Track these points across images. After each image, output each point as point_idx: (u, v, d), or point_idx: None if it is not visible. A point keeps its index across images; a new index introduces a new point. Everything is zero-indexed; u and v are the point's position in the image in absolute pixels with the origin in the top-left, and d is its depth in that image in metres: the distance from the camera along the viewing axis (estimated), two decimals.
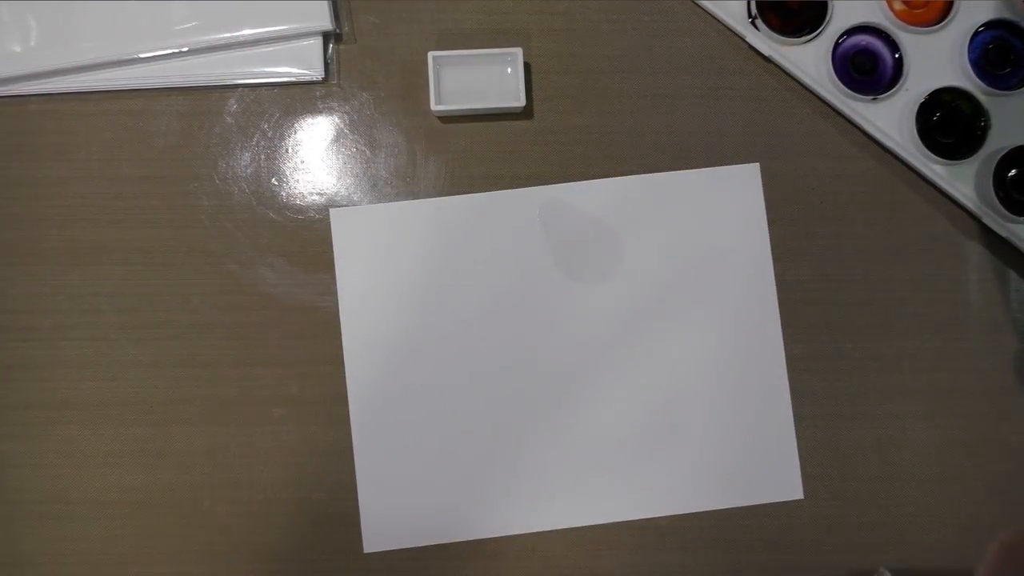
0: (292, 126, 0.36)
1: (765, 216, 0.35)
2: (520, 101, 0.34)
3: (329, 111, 0.36)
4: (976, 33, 0.35)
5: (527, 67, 0.36)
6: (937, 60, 0.35)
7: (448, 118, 0.36)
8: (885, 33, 0.35)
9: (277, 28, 0.35)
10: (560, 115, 0.36)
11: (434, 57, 0.34)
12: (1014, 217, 0.35)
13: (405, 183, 0.36)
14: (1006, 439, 0.35)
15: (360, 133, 0.36)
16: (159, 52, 0.35)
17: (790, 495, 0.35)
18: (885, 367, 0.35)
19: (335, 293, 0.35)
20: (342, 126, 0.36)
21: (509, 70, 0.35)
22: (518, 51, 0.34)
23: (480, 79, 0.35)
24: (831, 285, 0.35)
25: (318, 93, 0.36)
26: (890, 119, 0.35)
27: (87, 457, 0.34)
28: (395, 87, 0.36)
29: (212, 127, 0.36)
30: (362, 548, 0.34)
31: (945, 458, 0.35)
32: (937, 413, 0.35)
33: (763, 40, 0.36)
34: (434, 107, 0.34)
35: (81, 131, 0.36)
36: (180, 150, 0.36)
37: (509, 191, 0.36)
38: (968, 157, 0.35)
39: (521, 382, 0.35)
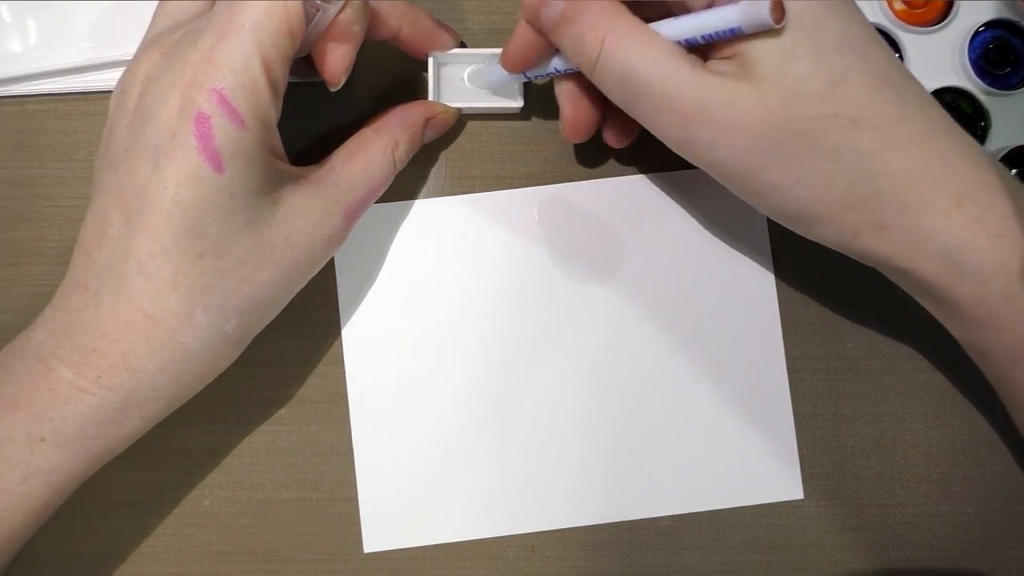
0: (291, 125, 0.36)
1: (765, 216, 0.35)
2: (518, 102, 0.34)
3: (329, 111, 0.36)
4: (976, 33, 0.35)
5: None
6: (937, 60, 0.35)
7: None
8: (885, 33, 0.35)
9: None
10: None
11: (434, 56, 0.34)
12: None
13: (405, 183, 0.36)
14: (1006, 439, 0.35)
15: None
16: None
17: (790, 495, 0.35)
18: (885, 367, 0.35)
19: (335, 293, 0.35)
20: (341, 126, 0.36)
21: None
22: None
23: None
24: (831, 285, 0.35)
25: (318, 92, 0.36)
26: None
27: None
28: (395, 87, 0.36)
29: None
30: (362, 548, 0.34)
31: (945, 458, 0.35)
32: (937, 413, 0.35)
33: None
34: None
35: (81, 131, 0.36)
36: None
37: (509, 191, 0.36)
38: None
39: (521, 381, 0.35)
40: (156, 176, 0.26)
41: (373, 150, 0.32)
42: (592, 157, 0.36)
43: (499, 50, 0.34)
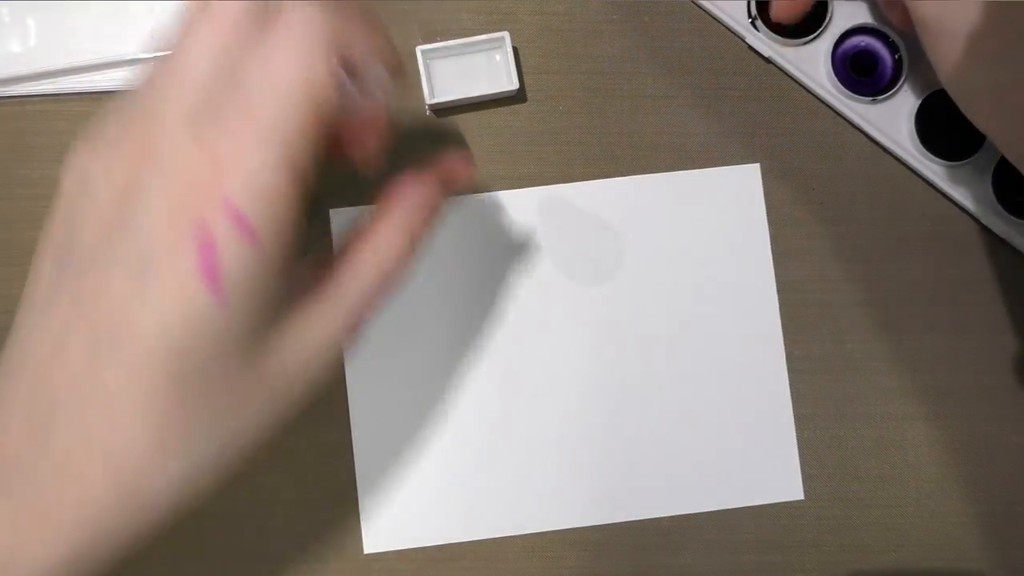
0: None
1: (765, 217, 0.36)
2: (512, 84, 0.34)
3: None
4: None
5: (525, 60, 0.36)
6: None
7: (445, 115, 0.36)
8: (885, 34, 0.35)
9: None
10: (560, 115, 0.36)
11: (422, 51, 0.34)
12: (1013, 218, 0.35)
13: None
14: (1006, 439, 0.35)
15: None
16: (159, 52, 0.35)
17: (790, 495, 0.35)
18: (885, 367, 0.35)
19: None
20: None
21: (498, 56, 0.35)
22: (505, 35, 0.34)
23: (471, 69, 0.35)
24: (831, 285, 0.35)
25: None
26: (890, 120, 0.35)
27: None
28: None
29: None
30: (362, 548, 0.34)
31: (945, 458, 0.35)
32: (937, 413, 0.35)
33: (763, 41, 0.36)
34: (428, 101, 0.34)
35: (81, 131, 0.36)
36: None
37: (509, 191, 0.36)
38: (968, 157, 0.35)
39: (520, 382, 0.35)
40: (138, 299, 0.22)
41: (388, 248, 0.27)
42: (592, 157, 0.36)
43: (486, 36, 0.34)
